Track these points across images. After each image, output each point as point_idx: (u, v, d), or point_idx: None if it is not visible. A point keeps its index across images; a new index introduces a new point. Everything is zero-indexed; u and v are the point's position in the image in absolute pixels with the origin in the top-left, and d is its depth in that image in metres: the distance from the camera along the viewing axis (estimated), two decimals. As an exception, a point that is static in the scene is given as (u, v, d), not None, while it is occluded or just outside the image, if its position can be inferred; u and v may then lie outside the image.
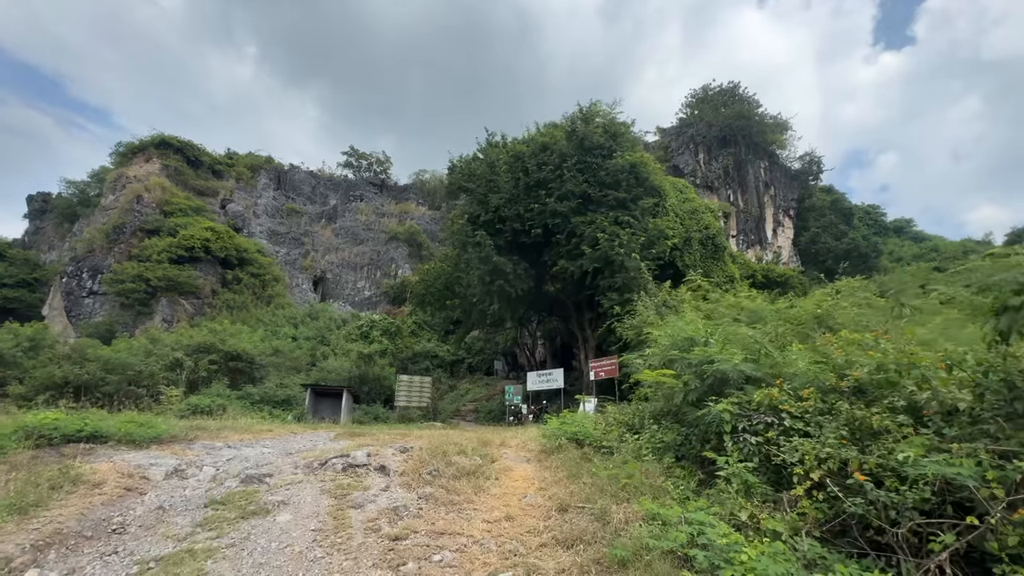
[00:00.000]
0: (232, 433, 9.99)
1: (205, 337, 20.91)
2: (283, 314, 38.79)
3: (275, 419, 18.08)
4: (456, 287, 27.38)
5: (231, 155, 59.68)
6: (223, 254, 41.05)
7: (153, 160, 49.58)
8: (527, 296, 22.08)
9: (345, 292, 51.96)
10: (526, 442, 8.02)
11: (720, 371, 5.11)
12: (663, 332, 7.57)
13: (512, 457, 6.77)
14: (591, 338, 23.28)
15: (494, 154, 22.48)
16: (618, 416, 8.44)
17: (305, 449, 8.60)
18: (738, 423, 4.61)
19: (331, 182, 65.32)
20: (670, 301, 14.62)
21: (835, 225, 46.27)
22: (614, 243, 18.01)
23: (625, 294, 18.29)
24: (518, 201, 20.47)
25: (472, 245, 20.39)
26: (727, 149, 47.41)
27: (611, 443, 6.58)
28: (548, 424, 9.65)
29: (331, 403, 21.65)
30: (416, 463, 5.93)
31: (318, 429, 13.87)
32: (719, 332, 5.99)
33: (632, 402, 8.75)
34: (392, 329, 40.21)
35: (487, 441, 7.68)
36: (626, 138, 20.98)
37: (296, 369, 26.96)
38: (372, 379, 26.08)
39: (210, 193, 51.06)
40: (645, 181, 19.74)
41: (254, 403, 19.47)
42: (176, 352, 19.49)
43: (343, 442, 9.50)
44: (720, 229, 24.93)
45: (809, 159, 52.98)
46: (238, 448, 8.28)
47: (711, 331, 6.09)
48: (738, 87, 50.29)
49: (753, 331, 5.89)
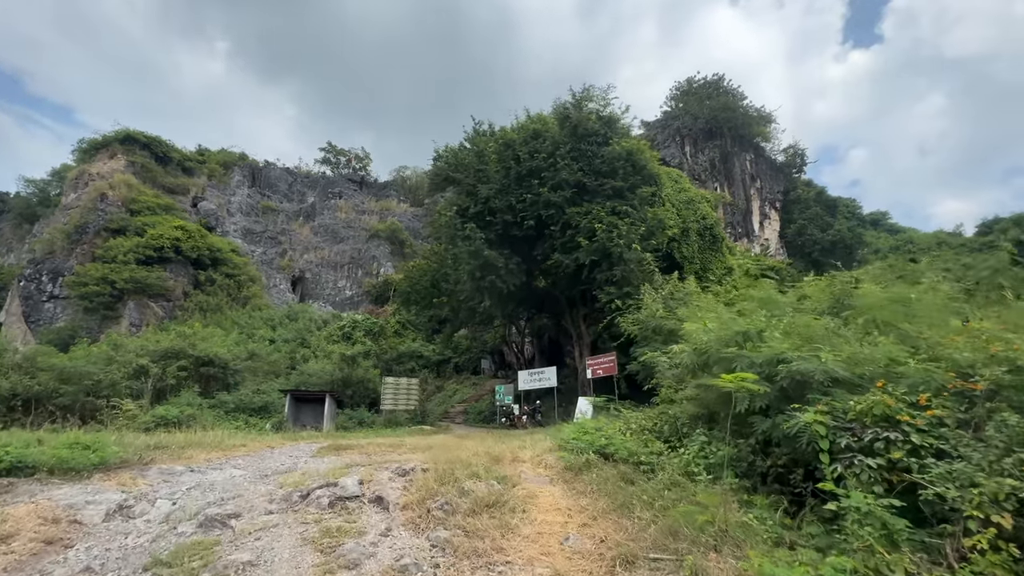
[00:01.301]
0: (198, 451, 8.70)
1: (173, 341, 19.31)
2: (260, 316, 37.00)
3: (251, 429, 16.69)
4: (443, 284, 26.16)
5: (202, 152, 57.17)
6: (195, 254, 39.00)
7: (118, 156, 47.00)
8: (518, 292, 21.02)
9: (325, 292, 50.17)
10: (541, 455, 6.97)
11: (800, 372, 4.15)
12: (698, 326, 6.59)
13: (532, 477, 5.72)
14: (586, 334, 22.35)
15: (482, 143, 21.32)
16: (642, 422, 7.44)
17: (283, 470, 7.40)
18: (838, 438, 3.65)
19: (308, 179, 63.18)
20: (677, 293, 13.71)
21: (820, 217, 46.29)
22: (612, 234, 17.07)
23: (624, 288, 17.38)
24: (509, 192, 19.38)
25: (461, 239, 19.23)
26: (713, 141, 47.05)
27: (650, 459, 5.57)
28: (561, 430, 8.61)
29: (313, 409, 20.29)
30: (420, 492, 4.83)
31: (299, 441, 12.61)
32: (782, 324, 5.04)
33: (659, 405, 7.76)
34: (375, 329, 38.77)
35: (497, 456, 6.60)
36: (621, 125, 20.05)
37: (274, 373, 25.44)
38: (356, 382, 24.70)
39: (180, 191, 48.68)
40: (643, 169, 18.84)
41: (228, 412, 18.02)
42: (141, 358, 17.89)
43: (328, 459, 8.31)
44: (717, 219, 24.30)
45: (793, 152, 53.07)
46: (203, 472, 7.04)
47: (772, 323, 5.13)
48: (723, 79, 50.00)
49: (823, 321, 4.95)
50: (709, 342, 5.57)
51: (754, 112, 49.63)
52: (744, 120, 48.44)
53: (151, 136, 48.96)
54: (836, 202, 49.59)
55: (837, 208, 49.16)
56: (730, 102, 48.13)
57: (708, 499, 3.77)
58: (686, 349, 7.05)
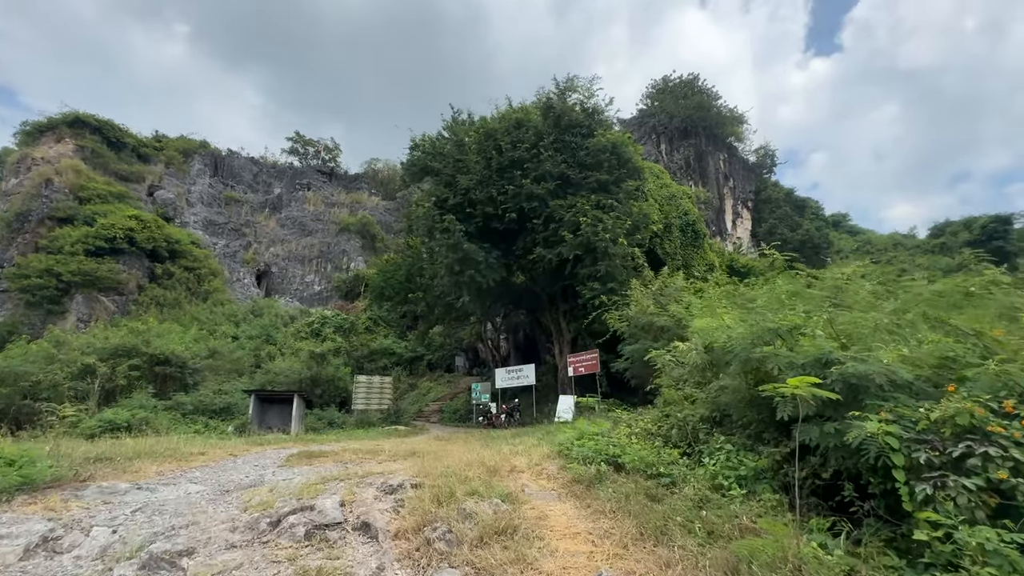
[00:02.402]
0: (149, 462, 7.70)
1: (125, 338, 17.76)
2: (222, 311, 35.12)
3: (212, 433, 15.48)
4: (418, 278, 25.23)
5: (160, 138, 53.97)
6: (151, 245, 36.68)
7: (66, 140, 43.83)
8: (497, 287, 20.35)
9: (293, 287, 48.24)
10: (539, 463, 6.34)
11: (856, 374, 3.65)
12: (711, 322, 6.08)
13: (536, 491, 5.08)
14: (566, 331, 21.86)
15: (462, 132, 20.50)
16: (646, 425, 6.90)
17: (248, 484, 6.53)
18: (915, 453, 3.14)
19: (275, 169, 60.62)
20: (667, 289, 13.31)
21: (790, 217, 47.34)
22: (597, 228, 16.56)
23: (608, 283, 16.92)
24: (490, 183, 18.64)
25: (439, 231, 18.38)
26: (688, 140, 47.41)
27: (670, 469, 5.01)
28: (553, 433, 8.03)
29: (279, 410, 19.11)
30: (415, 516, 4.11)
31: (265, 446, 11.63)
32: (820, 320, 4.53)
33: (663, 406, 7.23)
34: (346, 325, 37.42)
35: (493, 467, 5.93)
36: (605, 117, 19.57)
37: (238, 372, 23.99)
38: (325, 380, 23.57)
39: (135, 179, 45.76)
40: (627, 162, 18.40)
41: (186, 414, 16.71)
42: (87, 357, 16.35)
43: (299, 470, 7.47)
44: (699, 216, 24.21)
45: (764, 152, 54.16)
46: (153, 489, 6.11)
47: (811, 319, 4.62)
48: (697, 79, 50.43)
49: (874, 316, 4.48)
50: (733, 340, 5.05)
51: (727, 112, 50.29)
52: (718, 120, 49.02)
53: (103, 120, 45.88)
54: (805, 203, 50.82)
55: (805, 209, 50.38)
56: (704, 101, 48.60)
57: (774, 529, 3.21)
58: (695, 347, 6.54)
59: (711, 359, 6.30)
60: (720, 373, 5.93)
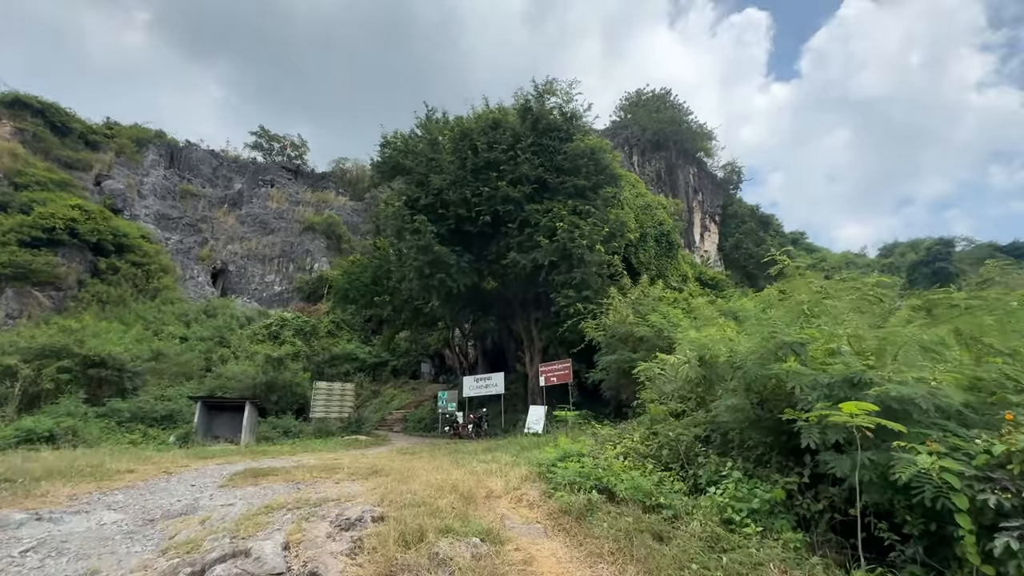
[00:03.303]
0: (62, 483, 6.61)
1: (54, 337, 16.05)
2: (171, 310, 32.92)
3: (151, 443, 14.10)
4: (385, 281, 24.19)
5: (111, 125, 50.79)
6: (95, 238, 34.10)
7: (3, 122, 40.62)
8: (467, 292, 19.65)
9: (251, 287, 45.99)
10: (519, 486, 5.66)
11: (900, 398, 3.17)
12: (704, 335, 5.60)
13: (519, 524, 4.41)
14: (538, 340, 21.30)
15: (435, 130, 19.77)
16: (634, 444, 6.34)
17: (177, 511, 5.59)
18: (980, 494, 2.66)
19: (236, 164, 58.01)
20: (645, 298, 12.92)
21: (755, 232, 48.53)
22: (574, 234, 16.11)
23: (583, 291, 16.48)
24: (464, 184, 17.96)
25: (409, 232, 17.54)
26: (659, 153, 48.11)
27: (670, 499, 4.44)
28: (530, 449, 7.41)
29: (229, 418, 17.72)
30: (377, 563, 3.37)
31: (207, 460, 10.49)
32: (844, 334, 4.08)
33: (648, 423, 6.69)
34: (307, 329, 35.76)
35: (467, 493, 5.21)
36: (583, 123, 19.25)
37: (185, 376, 22.31)
38: (282, 386, 22.18)
39: (81, 167, 42.74)
40: (605, 169, 18.09)
41: (123, 422, 15.18)
42: (8, 357, 14.64)
43: (241, 492, 6.54)
44: (674, 226, 24.21)
45: (731, 169, 55.55)
46: (58, 519, 5.10)
47: (833, 333, 4.15)
48: (669, 94, 51.45)
49: (911, 331, 4.05)
50: (737, 355, 4.56)
51: (697, 128, 51.39)
52: (688, 135, 50.00)
53: (46, 102, 42.79)
54: (769, 219, 52.28)
55: (769, 225, 51.82)
56: (676, 116, 49.53)
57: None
58: (688, 360, 6.03)
59: (706, 374, 5.81)
60: (718, 389, 5.43)
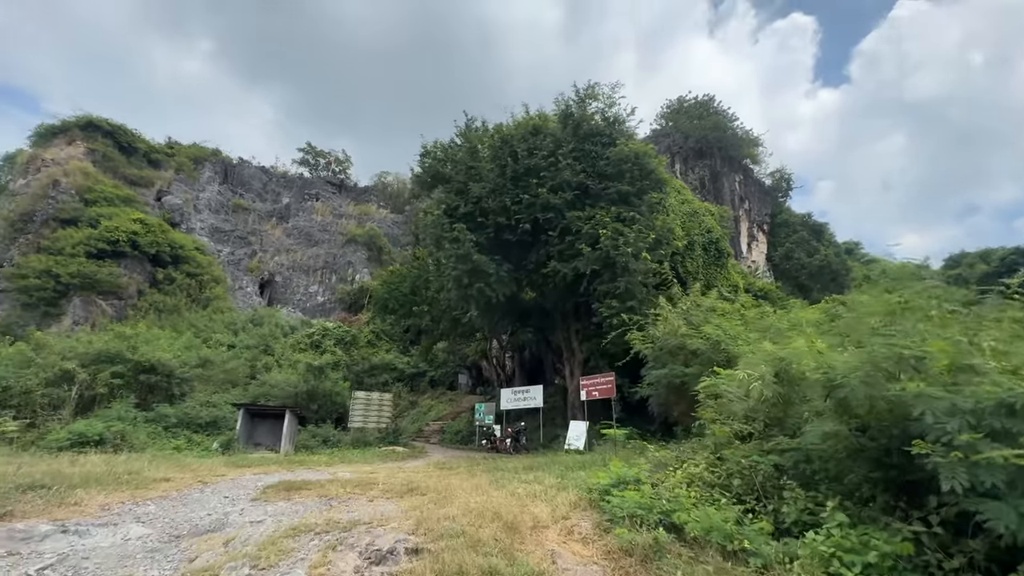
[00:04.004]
0: (96, 491, 6.48)
1: (109, 343, 16.66)
2: (221, 319, 34.10)
3: (195, 449, 14.25)
4: (424, 291, 24.11)
5: (172, 144, 53.95)
6: (154, 250, 36.00)
7: (77, 143, 43.73)
8: (505, 302, 19.21)
9: (296, 297, 47.32)
10: (568, 514, 5.06)
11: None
12: (798, 346, 4.86)
13: (573, 565, 3.82)
14: (578, 351, 20.55)
15: (475, 138, 19.58)
16: (699, 471, 5.60)
17: (205, 527, 5.29)
18: None
19: (285, 179, 60.40)
20: (697, 309, 12.06)
21: (807, 242, 45.94)
22: (618, 242, 15.41)
23: (628, 301, 15.69)
24: (504, 191, 17.61)
25: (449, 240, 17.30)
26: (703, 160, 46.56)
27: (757, 543, 3.73)
28: (589, 472, 6.83)
29: (270, 425, 17.86)
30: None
31: (245, 469, 10.36)
32: (984, 346, 3.34)
33: (711, 447, 5.95)
34: (347, 338, 36.29)
35: (511, 522, 4.66)
36: (627, 127, 18.60)
37: (231, 383, 22.81)
38: (322, 395, 22.31)
39: (144, 183, 45.45)
40: (651, 173, 17.33)
41: (169, 427, 15.48)
42: (67, 362, 15.25)
43: (272, 508, 6.21)
44: (723, 234, 23.04)
45: (779, 176, 53.10)
46: (82, 533, 4.88)
47: (970, 347, 3.41)
48: (712, 100, 49.90)
49: None
50: (834, 371, 3.85)
51: (743, 134, 49.49)
52: (733, 141, 48.21)
53: (115, 124, 45.83)
54: (822, 228, 49.46)
55: (823, 234, 49.02)
56: (720, 122, 47.89)
57: None
58: (762, 376, 5.29)
59: (783, 392, 5.05)
60: (801, 410, 4.68)
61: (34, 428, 13.33)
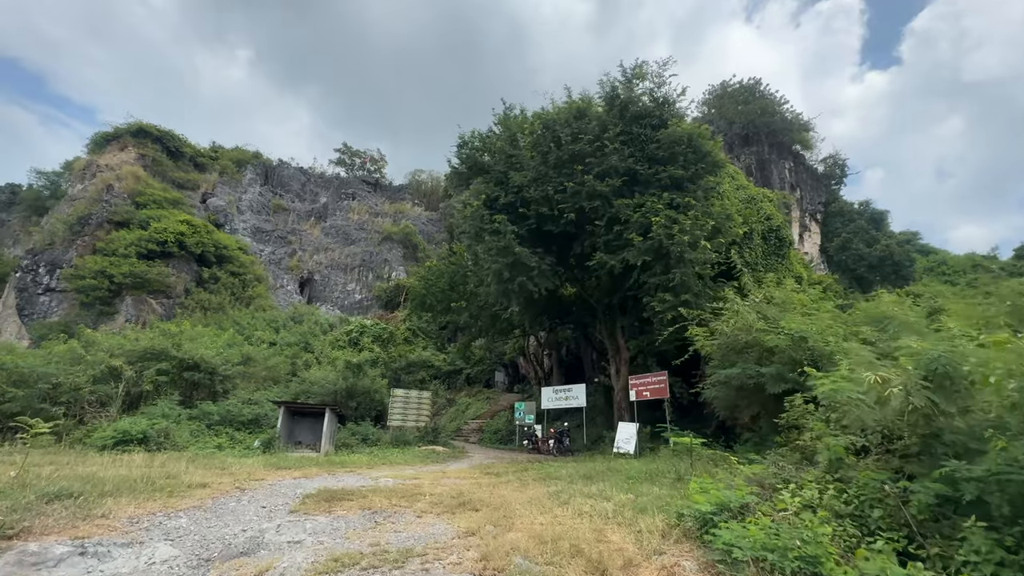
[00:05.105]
0: (127, 500, 5.99)
1: (155, 340, 16.75)
2: (263, 317, 34.59)
3: (237, 447, 14.03)
4: (462, 287, 23.47)
5: (216, 148, 55.59)
6: (199, 250, 36.94)
7: (129, 149, 45.48)
8: (547, 297, 18.28)
9: (334, 295, 47.81)
10: (662, 550, 4.15)
11: None
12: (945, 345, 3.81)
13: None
14: (624, 349, 19.44)
15: (514, 126, 18.72)
16: (810, 491, 4.58)
17: (239, 547, 4.65)
18: None
19: (322, 179, 61.35)
20: (773, 301, 10.82)
21: (866, 231, 42.87)
22: (672, 230, 14.22)
23: (683, 295, 14.46)
24: (546, 180, 16.69)
25: (489, 232, 16.52)
26: (750, 147, 44.18)
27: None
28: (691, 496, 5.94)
29: (310, 424, 17.61)
30: None
31: (284, 472, 9.87)
32: None
33: (825, 466, 4.90)
34: (384, 336, 36.22)
35: (597, 562, 3.75)
36: (677, 108, 17.31)
37: (273, 380, 22.84)
38: (361, 392, 22.02)
39: (190, 186, 46.89)
40: (706, 156, 16.01)
41: (211, 425, 15.38)
42: (115, 359, 15.36)
43: (312, 524, 5.55)
44: (784, 221, 21.35)
45: (833, 162, 49.86)
46: (104, 554, 4.30)
47: None
48: (759, 84, 47.18)
49: None
50: None
51: (792, 118, 46.63)
52: (782, 126, 45.48)
53: (164, 130, 47.44)
54: (883, 216, 46.13)
55: (883, 223, 45.72)
56: (768, 107, 45.26)
57: None
58: (907, 381, 4.21)
59: (937, 400, 3.97)
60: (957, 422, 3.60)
61: (82, 425, 13.39)
